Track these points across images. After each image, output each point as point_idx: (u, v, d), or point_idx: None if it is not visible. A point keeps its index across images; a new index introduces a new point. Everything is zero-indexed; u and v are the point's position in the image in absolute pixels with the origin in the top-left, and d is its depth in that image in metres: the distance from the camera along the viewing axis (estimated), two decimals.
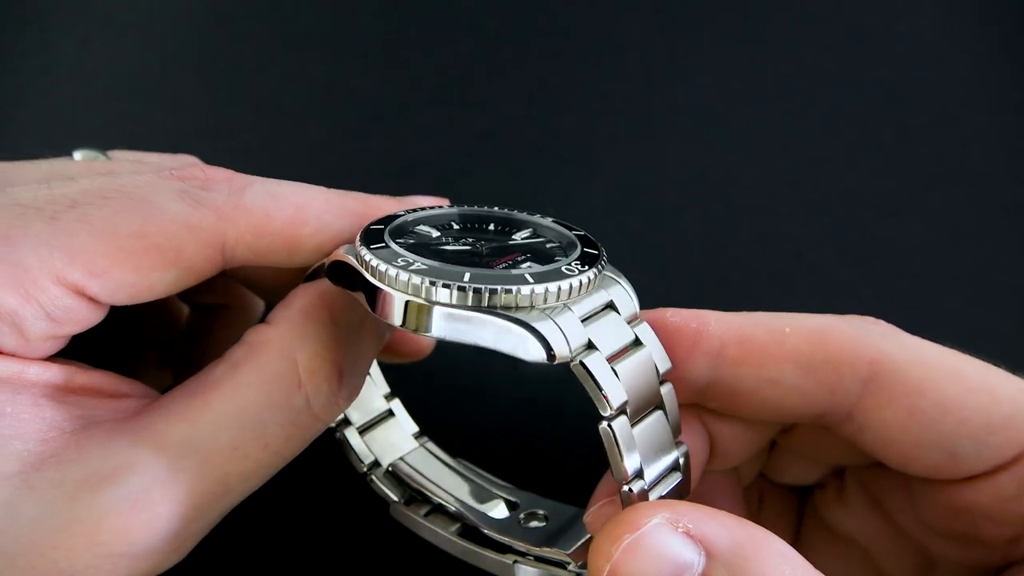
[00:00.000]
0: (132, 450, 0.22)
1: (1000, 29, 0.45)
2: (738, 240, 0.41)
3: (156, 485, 0.22)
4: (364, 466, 0.30)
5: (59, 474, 0.22)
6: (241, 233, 0.25)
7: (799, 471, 0.29)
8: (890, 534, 0.27)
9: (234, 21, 0.47)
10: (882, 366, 0.24)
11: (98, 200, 0.23)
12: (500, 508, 0.29)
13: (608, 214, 0.43)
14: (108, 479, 0.22)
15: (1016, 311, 0.39)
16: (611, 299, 0.23)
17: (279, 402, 0.24)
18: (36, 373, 0.23)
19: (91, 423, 0.23)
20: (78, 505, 0.22)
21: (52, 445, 0.22)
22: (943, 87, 0.44)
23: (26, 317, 0.22)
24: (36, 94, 0.45)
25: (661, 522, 0.20)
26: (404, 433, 0.31)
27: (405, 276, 0.21)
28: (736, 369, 0.24)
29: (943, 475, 0.24)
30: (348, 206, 0.27)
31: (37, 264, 0.22)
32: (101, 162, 0.28)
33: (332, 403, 0.25)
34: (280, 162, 0.44)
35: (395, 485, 0.30)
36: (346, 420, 0.30)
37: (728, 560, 0.19)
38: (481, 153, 0.44)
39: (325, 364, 0.24)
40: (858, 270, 0.41)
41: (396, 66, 0.46)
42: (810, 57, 0.45)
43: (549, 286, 0.22)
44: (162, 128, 0.44)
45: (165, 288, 0.24)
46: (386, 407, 0.31)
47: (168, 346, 0.34)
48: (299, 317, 0.24)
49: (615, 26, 0.46)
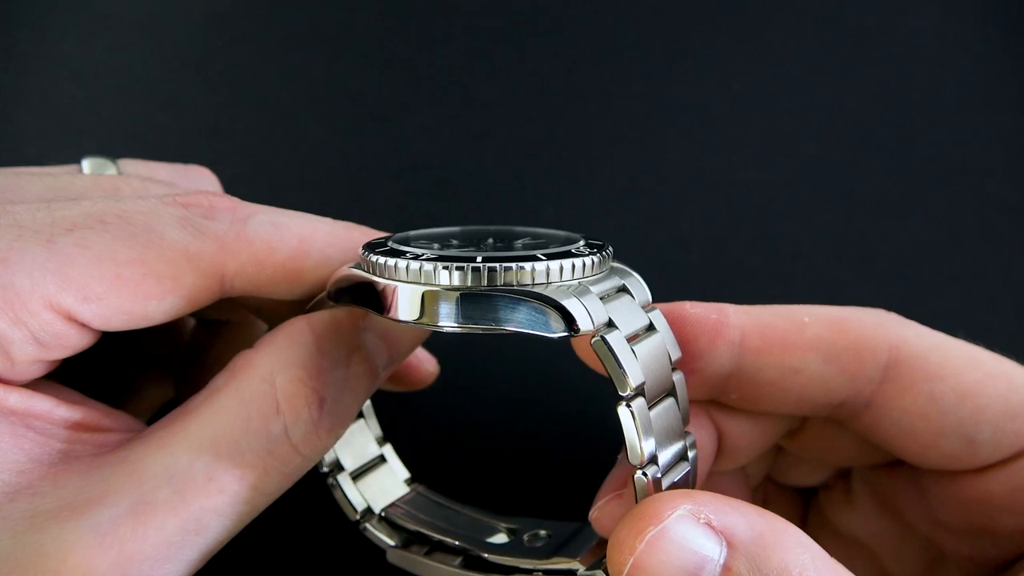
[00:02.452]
0: (107, 482, 0.22)
1: (1000, 29, 0.45)
2: (738, 240, 0.41)
3: (126, 519, 0.21)
4: (357, 514, 0.29)
5: (31, 506, 0.21)
6: (242, 264, 0.24)
7: (805, 472, 0.29)
8: (897, 534, 0.27)
9: (234, 21, 0.47)
10: (901, 352, 0.24)
11: (97, 225, 0.23)
12: (501, 536, 0.28)
13: (608, 214, 0.43)
14: (78, 511, 0.21)
15: (1016, 311, 0.39)
16: (624, 284, 0.23)
17: (256, 427, 0.23)
18: (17, 401, 0.22)
19: (71, 456, 0.22)
20: (46, 537, 0.21)
21: (28, 477, 0.22)
22: (943, 87, 0.44)
23: (14, 340, 0.22)
24: (36, 94, 0.45)
25: (684, 513, 0.20)
26: (396, 479, 0.30)
27: (416, 265, 0.21)
28: (758, 358, 0.24)
29: (960, 464, 0.24)
30: (353, 239, 0.26)
31: (30, 287, 0.22)
32: (107, 178, 0.28)
33: (312, 434, 0.24)
34: (280, 162, 0.44)
35: (390, 530, 0.29)
36: (339, 465, 0.29)
37: (749, 551, 0.19)
38: (481, 153, 0.44)
39: (305, 390, 0.23)
40: (858, 270, 0.41)
41: (396, 66, 0.46)
42: (810, 57, 0.45)
43: (563, 262, 0.21)
44: (163, 128, 0.44)
45: (161, 316, 0.24)
46: (379, 452, 0.30)
47: (171, 360, 0.34)
48: (283, 342, 0.24)
49: (615, 26, 0.46)
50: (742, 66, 0.45)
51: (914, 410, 0.24)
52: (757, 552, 0.19)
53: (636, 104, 0.45)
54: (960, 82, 0.44)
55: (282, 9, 0.47)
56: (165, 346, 0.34)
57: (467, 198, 0.44)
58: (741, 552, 0.19)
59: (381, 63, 0.46)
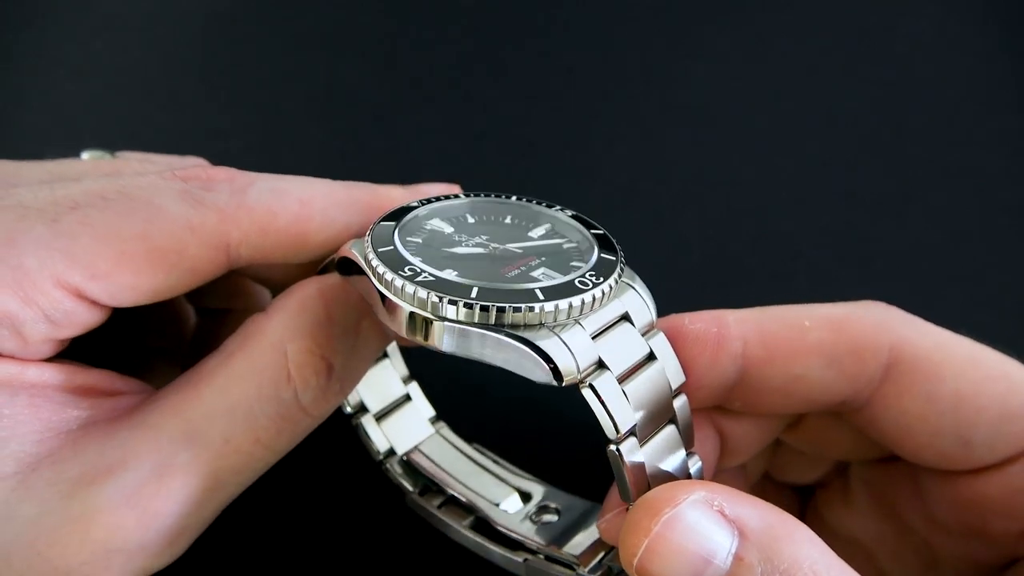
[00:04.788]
0: (127, 446, 0.23)
1: (1000, 29, 0.45)
2: (738, 240, 0.41)
3: (150, 480, 0.22)
4: (380, 455, 0.29)
5: (55, 473, 0.22)
6: (245, 233, 0.24)
7: (803, 468, 0.29)
8: (894, 533, 0.27)
9: (234, 21, 0.47)
10: (903, 352, 0.24)
11: (99, 202, 0.23)
12: (513, 499, 0.29)
13: (608, 214, 0.43)
14: (103, 475, 0.22)
15: (1016, 311, 0.39)
16: (625, 310, 0.23)
17: (268, 394, 0.23)
18: (34, 375, 0.23)
19: (88, 422, 0.23)
20: (73, 502, 0.22)
21: (49, 445, 0.22)
22: (943, 87, 0.44)
23: (25, 320, 0.22)
24: (36, 94, 0.45)
25: (699, 499, 0.20)
26: (421, 418, 0.31)
27: (411, 288, 0.21)
28: (761, 368, 0.24)
29: (955, 465, 0.24)
30: (355, 197, 0.26)
31: (38, 267, 0.22)
32: (107, 161, 0.28)
33: (321, 398, 0.24)
34: (280, 162, 0.44)
35: (410, 474, 0.29)
36: (363, 407, 0.29)
37: (761, 541, 0.19)
38: (481, 153, 0.44)
39: (313, 358, 0.24)
40: (858, 270, 0.41)
41: (396, 66, 0.46)
42: (810, 57, 0.45)
43: (560, 303, 0.21)
44: (163, 128, 0.44)
45: (169, 289, 0.24)
46: (404, 391, 0.31)
47: (175, 352, 0.34)
48: (294, 309, 0.24)
49: (615, 26, 0.46)
50: (742, 66, 0.45)
51: (912, 410, 0.24)
52: (769, 543, 0.19)
53: (636, 103, 0.45)
54: (960, 82, 0.44)
55: (282, 9, 0.47)
56: (169, 338, 0.34)
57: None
58: (753, 542, 0.19)
59: (381, 63, 0.46)
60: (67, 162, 0.28)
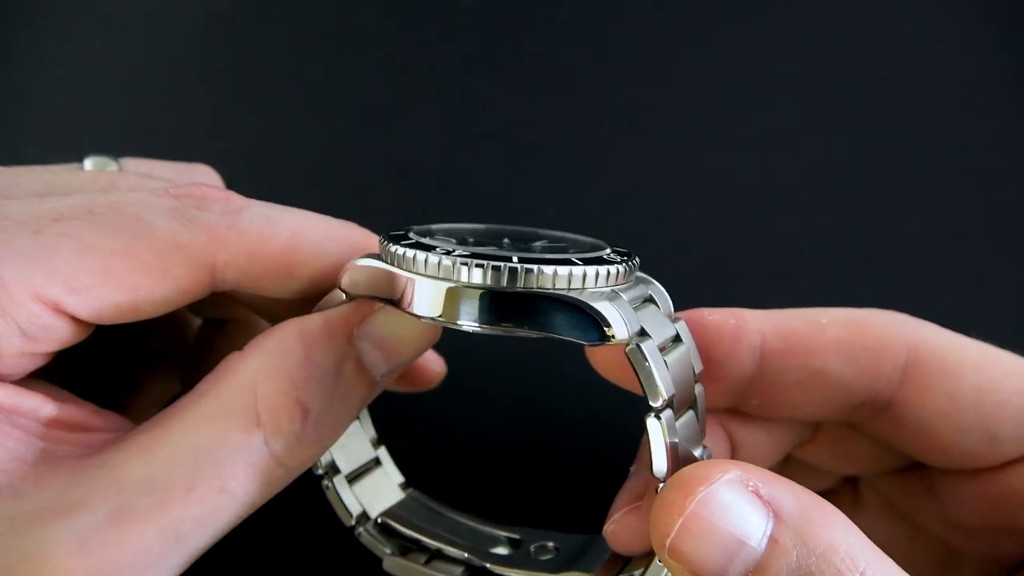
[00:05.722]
0: (88, 486, 0.21)
1: (1000, 29, 0.45)
2: (738, 240, 0.41)
3: (107, 525, 0.21)
4: (352, 519, 0.27)
5: (12, 506, 0.21)
6: (233, 255, 0.24)
7: (812, 480, 0.28)
8: (907, 536, 0.27)
9: (234, 21, 0.46)
10: (920, 351, 0.24)
11: (85, 216, 0.22)
12: (503, 548, 0.27)
13: (608, 214, 0.43)
14: (60, 515, 0.21)
15: (1016, 311, 0.39)
16: (650, 293, 0.23)
17: (236, 440, 0.22)
18: (4, 397, 0.22)
19: (56, 457, 0.22)
20: (27, 540, 0.20)
21: (10, 476, 0.21)
22: (943, 87, 0.44)
23: (0, 333, 0.21)
24: (36, 94, 0.45)
25: (734, 478, 0.19)
26: (391, 483, 0.29)
27: (448, 261, 0.20)
28: (780, 361, 0.24)
29: (982, 462, 0.24)
30: (351, 238, 0.26)
31: (15, 278, 0.21)
32: (106, 174, 0.28)
33: (296, 446, 0.22)
34: (280, 162, 0.44)
35: (387, 537, 0.28)
36: (335, 467, 0.27)
37: (797, 524, 0.19)
38: (481, 153, 0.44)
39: (288, 401, 0.22)
40: (858, 270, 0.41)
41: (396, 66, 0.46)
42: (810, 57, 0.45)
43: (599, 268, 0.21)
44: (163, 128, 0.44)
45: (152, 308, 0.23)
46: (373, 455, 0.29)
47: (176, 356, 0.33)
48: (271, 348, 0.23)
49: (615, 26, 0.46)
50: (742, 66, 0.45)
51: (935, 408, 0.24)
52: (805, 527, 0.19)
53: (636, 103, 0.45)
54: (960, 82, 0.44)
55: (282, 9, 0.47)
56: (167, 341, 0.33)
57: (467, 198, 0.44)
58: (788, 525, 0.19)
59: (381, 63, 0.46)
60: (65, 174, 0.27)
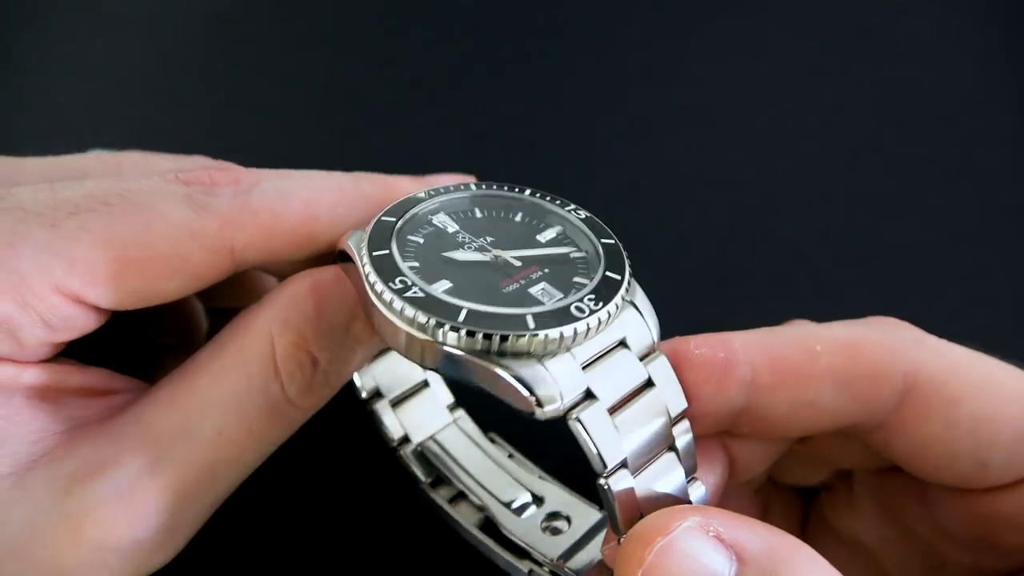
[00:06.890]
0: (120, 442, 0.22)
1: (1000, 29, 0.45)
2: (738, 240, 0.41)
3: (142, 476, 0.22)
4: (394, 441, 0.29)
5: (49, 472, 0.22)
6: (250, 236, 0.24)
7: (807, 473, 0.28)
8: (899, 537, 0.27)
9: (234, 21, 0.47)
10: (919, 377, 0.23)
11: (101, 207, 0.23)
12: (525, 499, 0.28)
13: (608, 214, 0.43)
14: (96, 472, 0.22)
15: (1016, 311, 0.39)
16: (623, 336, 0.21)
17: (257, 386, 0.23)
18: (30, 377, 0.23)
19: (84, 422, 0.23)
20: (67, 500, 0.22)
21: (44, 445, 0.22)
22: (943, 87, 0.44)
23: (22, 325, 0.22)
24: (36, 94, 0.45)
25: (693, 526, 0.19)
26: (438, 405, 0.30)
27: (399, 304, 0.20)
28: (771, 395, 0.23)
29: (970, 485, 0.24)
30: (364, 192, 0.26)
31: (36, 272, 0.22)
32: (111, 155, 0.28)
33: (307, 392, 0.24)
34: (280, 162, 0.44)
35: (423, 464, 0.29)
36: (378, 392, 0.29)
37: (761, 564, 0.19)
38: (481, 153, 0.44)
39: (299, 353, 0.23)
40: (858, 270, 0.41)
41: (396, 66, 0.46)
42: (810, 57, 0.45)
43: (550, 333, 0.20)
44: (163, 128, 0.44)
45: (171, 294, 0.24)
46: (422, 378, 0.30)
47: (187, 351, 0.34)
48: (283, 302, 0.24)
49: (615, 26, 0.46)
50: (742, 66, 0.45)
51: (930, 435, 0.23)
52: (769, 567, 0.19)
53: (636, 104, 0.45)
54: (960, 82, 0.44)
55: (282, 9, 0.47)
56: (180, 336, 0.34)
57: None
58: (752, 567, 0.19)
59: (381, 63, 0.46)
60: (70, 158, 0.27)
